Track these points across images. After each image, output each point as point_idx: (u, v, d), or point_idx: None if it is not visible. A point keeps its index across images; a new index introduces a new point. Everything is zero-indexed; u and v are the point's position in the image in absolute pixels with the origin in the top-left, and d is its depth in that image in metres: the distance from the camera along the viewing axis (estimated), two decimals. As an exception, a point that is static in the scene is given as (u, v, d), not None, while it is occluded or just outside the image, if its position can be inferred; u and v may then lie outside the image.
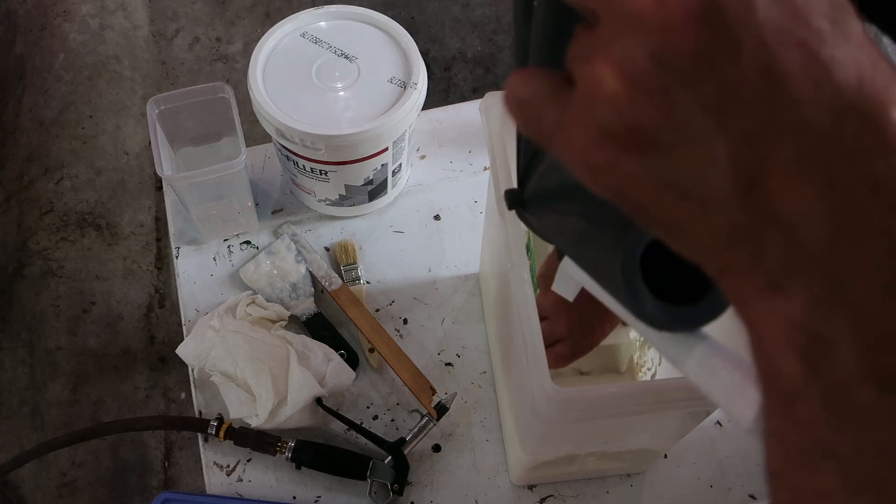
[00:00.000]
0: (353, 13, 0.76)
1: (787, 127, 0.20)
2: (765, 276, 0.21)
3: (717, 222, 0.22)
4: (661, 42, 0.20)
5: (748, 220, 0.21)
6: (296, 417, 0.69)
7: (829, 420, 0.21)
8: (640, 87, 0.21)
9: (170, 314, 1.53)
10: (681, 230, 0.23)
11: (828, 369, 0.20)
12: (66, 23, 1.82)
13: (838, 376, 0.20)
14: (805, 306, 0.21)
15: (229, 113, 0.74)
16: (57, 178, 1.64)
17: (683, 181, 0.21)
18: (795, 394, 0.21)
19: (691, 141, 0.21)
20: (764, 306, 0.22)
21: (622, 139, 0.22)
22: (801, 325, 0.21)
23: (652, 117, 0.21)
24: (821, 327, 0.20)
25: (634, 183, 0.22)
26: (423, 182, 0.85)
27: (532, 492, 0.70)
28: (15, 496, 1.37)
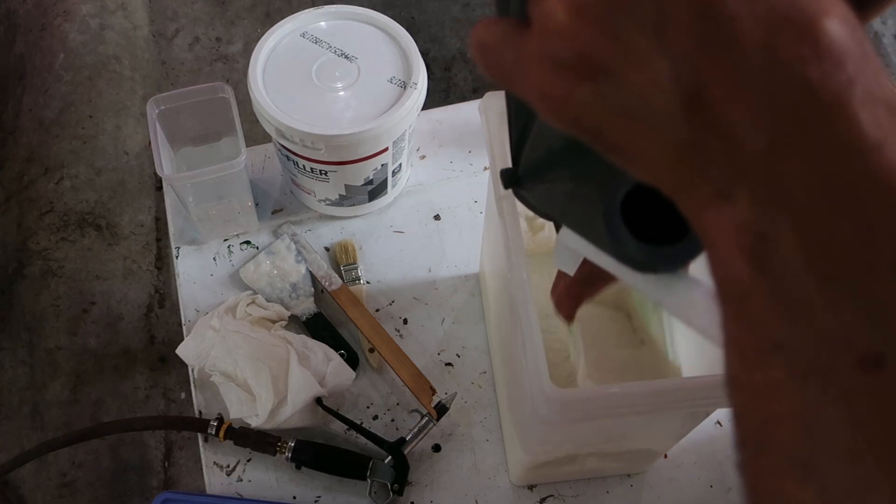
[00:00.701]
0: (353, 13, 0.76)
1: (722, 42, 0.21)
2: (713, 187, 0.23)
3: (665, 140, 0.23)
4: None
5: (692, 135, 0.22)
6: (296, 417, 0.69)
7: (776, 315, 0.22)
8: (585, 16, 0.22)
9: (170, 314, 1.53)
10: (634, 152, 0.24)
11: (773, 266, 0.22)
12: (66, 23, 1.82)
13: (783, 271, 0.21)
14: (750, 209, 0.22)
15: (229, 113, 0.74)
16: (57, 178, 1.64)
17: (631, 103, 0.23)
18: (745, 293, 0.22)
19: (635, 63, 0.22)
20: (714, 215, 0.23)
21: (573, 68, 0.23)
22: (747, 227, 0.22)
23: (598, 44, 0.22)
24: (765, 227, 0.22)
25: (588, 110, 0.24)
26: (423, 182, 0.85)
27: (532, 492, 0.70)
28: (15, 496, 1.37)
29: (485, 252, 0.77)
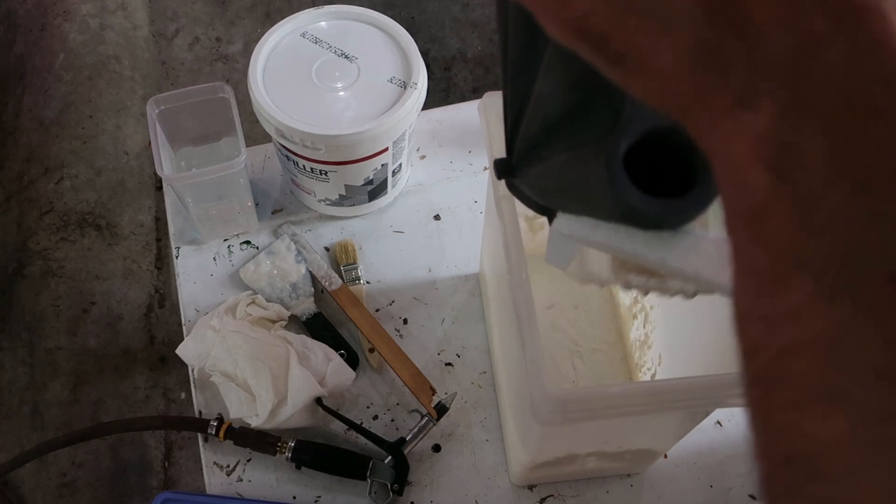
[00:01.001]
0: (353, 13, 0.76)
1: None
2: (732, 95, 0.21)
3: (683, 41, 0.21)
4: None
5: (714, 33, 0.21)
6: (296, 417, 0.69)
7: (800, 229, 0.20)
8: None
9: (170, 314, 1.53)
10: (644, 59, 0.22)
11: (799, 176, 0.20)
12: (66, 23, 1.82)
13: (810, 182, 0.20)
14: (774, 116, 0.20)
15: (229, 113, 0.74)
16: (57, 178, 1.64)
17: None
18: (766, 208, 0.21)
19: None
20: (731, 126, 0.21)
21: None
22: (770, 135, 0.21)
23: None
24: (789, 135, 0.20)
25: (596, 8, 0.22)
26: (423, 182, 0.85)
27: (532, 492, 0.70)
28: (15, 496, 1.37)
29: (485, 252, 0.77)
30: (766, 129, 0.21)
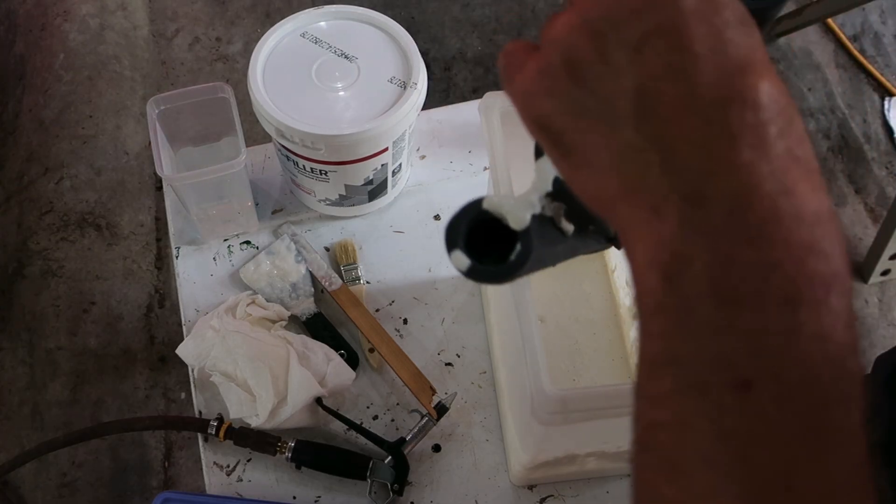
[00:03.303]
0: (353, 13, 0.76)
1: (684, 73, 0.25)
2: (649, 198, 0.26)
3: (617, 143, 0.26)
4: (608, 1, 0.26)
5: (640, 141, 0.26)
6: (296, 417, 0.69)
7: (676, 330, 0.25)
8: (585, 29, 0.26)
9: (170, 314, 1.53)
10: (588, 154, 0.27)
11: (682, 284, 0.24)
12: (66, 23, 1.82)
13: (689, 291, 0.24)
14: (674, 227, 0.25)
15: (229, 113, 0.74)
16: (57, 178, 1.64)
17: (597, 106, 0.26)
18: (655, 308, 0.25)
19: (611, 73, 0.26)
20: (642, 228, 0.26)
21: (560, 70, 0.27)
22: (667, 244, 0.25)
23: (585, 53, 0.26)
24: (682, 246, 0.24)
25: (560, 108, 0.28)
26: (423, 182, 0.85)
27: (532, 492, 0.70)
28: (15, 496, 1.37)
29: (485, 252, 0.77)
30: (666, 237, 0.25)
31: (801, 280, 0.23)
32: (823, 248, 0.24)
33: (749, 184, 0.24)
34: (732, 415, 0.23)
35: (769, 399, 0.23)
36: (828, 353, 0.23)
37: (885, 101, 1.82)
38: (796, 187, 0.24)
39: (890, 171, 1.75)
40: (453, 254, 0.35)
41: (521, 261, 0.35)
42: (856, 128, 1.79)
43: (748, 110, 0.24)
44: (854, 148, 1.77)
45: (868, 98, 1.83)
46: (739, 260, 0.23)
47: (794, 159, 0.24)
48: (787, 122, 0.25)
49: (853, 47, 1.86)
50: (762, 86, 0.24)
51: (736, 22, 0.25)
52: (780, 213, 0.24)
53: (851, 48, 1.86)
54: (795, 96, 1.82)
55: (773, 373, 0.23)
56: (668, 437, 0.25)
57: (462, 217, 0.35)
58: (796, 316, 0.23)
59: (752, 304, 0.23)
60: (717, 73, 0.25)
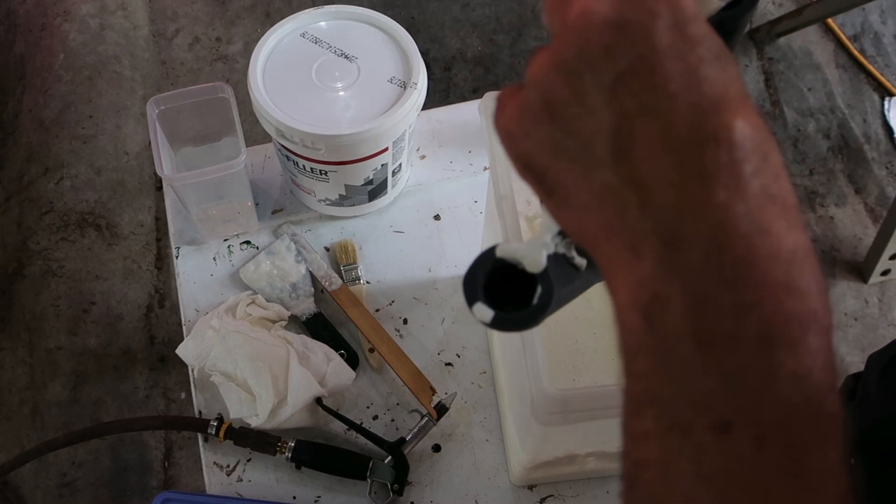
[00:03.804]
0: (353, 13, 0.76)
1: (659, 112, 0.25)
2: (627, 237, 0.26)
3: (595, 182, 0.26)
4: (584, 39, 0.25)
5: (617, 181, 0.26)
6: (296, 417, 0.69)
7: (657, 370, 0.25)
8: (561, 71, 0.26)
9: (170, 314, 1.53)
10: (568, 193, 0.28)
11: (661, 325, 0.25)
12: (66, 23, 1.82)
13: (668, 332, 0.24)
14: (652, 267, 0.25)
15: (229, 113, 0.74)
16: (57, 178, 1.64)
17: (576, 147, 0.27)
18: (637, 348, 0.26)
19: (587, 113, 0.26)
20: (623, 269, 0.26)
21: (539, 110, 0.27)
22: (646, 285, 0.25)
23: (562, 94, 0.26)
24: (660, 287, 0.25)
25: (542, 149, 0.28)
26: (423, 182, 0.85)
27: (532, 492, 0.70)
28: (15, 496, 1.37)
29: (485, 252, 0.77)
30: (644, 278, 0.25)
31: (778, 320, 0.23)
32: (800, 287, 0.24)
33: (724, 225, 0.24)
34: (712, 455, 0.24)
35: (748, 440, 0.23)
36: (805, 393, 0.23)
37: (885, 101, 1.82)
38: (772, 226, 0.24)
39: (890, 171, 1.75)
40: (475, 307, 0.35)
41: (544, 303, 0.34)
42: (856, 128, 1.79)
43: (722, 150, 0.24)
44: (854, 148, 1.77)
45: (868, 98, 1.83)
46: (716, 301, 0.24)
47: (769, 197, 0.24)
48: (763, 160, 0.24)
49: (853, 47, 1.87)
50: (737, 124, 0.24)
51: (711, 58, 0.25)
52: (756, 253, 0.24)
53: (851, 48, 1.86)
54: (795, 96, 1.82)
55: (752, 414, 0.23)
56: (653, 476, 0.25)
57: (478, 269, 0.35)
58: (773, 357, 0.23)
59: (729, 345, 0.23)
60: (691, 113, 0.24)
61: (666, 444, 0.25)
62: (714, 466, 0.24)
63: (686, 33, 0.25)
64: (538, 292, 0.34)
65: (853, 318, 1.58)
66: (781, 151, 0.26)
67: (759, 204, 0.24)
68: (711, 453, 0.24)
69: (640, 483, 0.26)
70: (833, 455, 0.24)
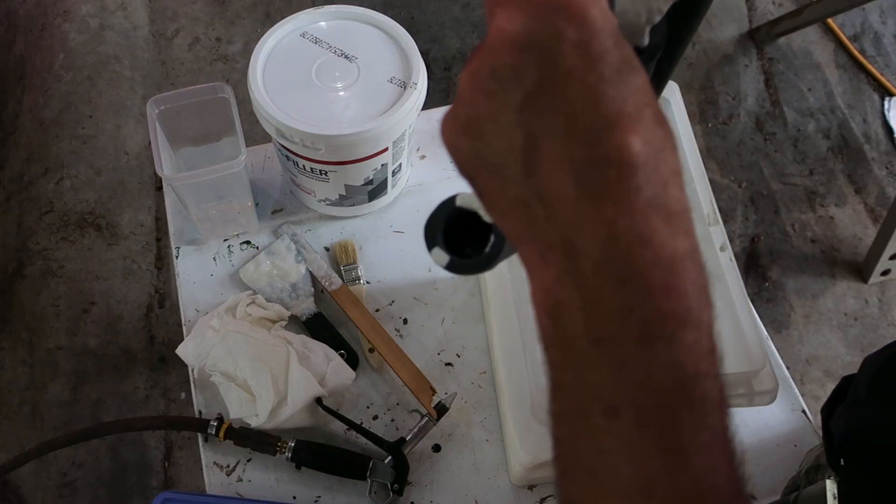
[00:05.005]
0: (353, 13, 0.76)
1: (560, 132, 0.27)
2: (538, 246, 0.28)
3: (510, 194, 0.29)
4: (495, 59, 0.27)
5: (526, 194, 0.28)
6: (296, 417, 0.69)
7: (562, 363, 0.29)
8: (478, 89, 0.28)
9: (170, 314, 1.53)
10: (493, 199, 0.30)
11: (563, 325, 0.28)
12: (66, 23, 1.82)
13: (568, 331, 0.28)
14: (555, 275, 0.28)
15: (229, 113, 0.74)
16: (57, 178, 1.64)
17: (493, 160, 0.29)
18: (548, 343, 0.29)
19: (501, 130, 0.28)
20: (536, 274, 0.29)
21: (462, 123, 0.29)
22: (550, 290, 0.28)
23: (481, 111, 0.28)
24: (560, 293, 0.28)
25: (467, 160, 0.30)
26: (423, 182, 0.85)
27: (532, 492, 0.70)
28: (15, 496, 1.37)
29: (485, 252, 0.77)
30: (549, 284, 0.28)
31: (655, 319, 0.26)
32: (677, 288, 0.27)
33: (611, 237, 0.26)
34: (605, 435, 0.27)
35: (630, 423, 0.27)
36: (680, 380, 0.27)
37: (885, 101, 1.82)
38: (654, 235, 0.26)
39: (890, 171, 1.75)
40: (433, 251, 0.37)
41: (496, 250, 0.36)
42: (856, 128, 1.79)
43: (612, 168, 0.26)
44: (854, 148, 1.77)
45: (868, 98, 1.83)
46: (605, 305, 0.27)
47: (655, 208, 0.26)
48: (652, 171, 0.26)
49: (853, 47, 1.87)
50: (627, 142, 0.26)
51: (611, 74, 0.26)
52: (638, 261, 0.26)
53: (851, 48, 1.86)
54: (795, 96, 1.82)
55: (633, 400, 0.27)
56: (566, 450, 0.29)
57: (438, 215, 0.37)
58: (651, 350, 0.26)
59: (615, 342, 0.27)
60: (588, 133, 0.26)
61: (572, 425, 0.29)
62: (607, 445, 0.27)
63: (589, 52, 0.26)
64: (491, 241, 0.36)
65: (853, 318, 1.58)
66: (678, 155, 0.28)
67: (643, 216, 0.26)
68: (604, 433, 0.27)
69: (559, 455, 0.30)
70: (707, 435, 0.27)
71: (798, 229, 1.68)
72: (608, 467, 0.27)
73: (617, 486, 0.27)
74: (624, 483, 0.27)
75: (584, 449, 0.28)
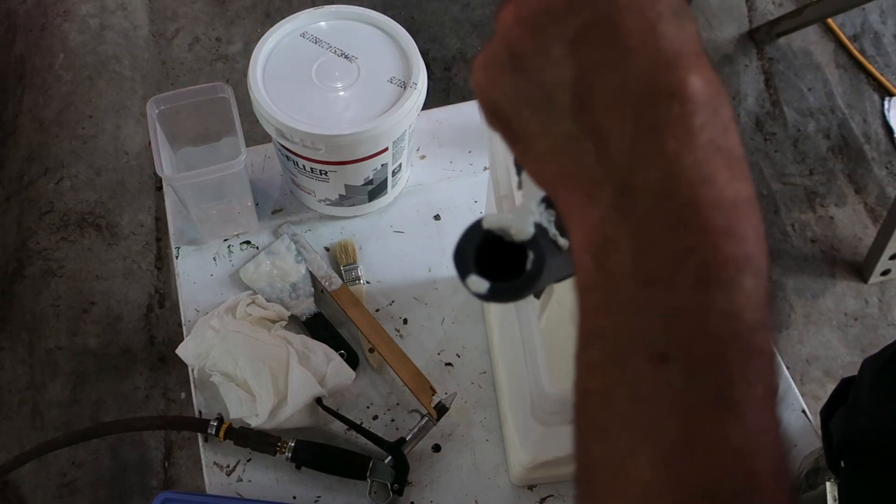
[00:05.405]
0: (353, 13, 0.76)
1: (618, 65, 0.26)
2: (584, 185, 0.27)
3: (556, 131, 0.28)
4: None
5: (576, 131, 0.27)
6: (296, 417, 0.69)
7: (604, 307, 0.27)
8: (524, 23, 0.28)
9: (170, 314, 1.53)
10: (533, 140, 0.29)
11: (610, 265, 0.26)
12: (66, 23, 1.82)
13: (615, 271, 0.26)
14: (605, 213, 0.26)
15: (229, 113, 0.74)
16: (57, 178, 1.64)
17: (539, 97, 0.28)
18: (588, 286, 0.27)
19: (550, 65, 0.27)
20: (579, 214, 0.28)
21: (503, 61, 0.29)
22: (598, 228, 0.27)
23: (526, 45, 0.28)
24: (611, 231, 0.26)
25: (506, 99, 0.29)
26: (423, 182, 0.85)
27: (532, 492, 0.70)
28: (15, 496, 1.37)
29: (485, 252, 0.77)
30: (597, 222, 0.27)
31: (715, 262, 0.25)
32: (738, 233, 0.25)
33: (672, 174, 0.25)
34: (648, 384, 0.25)
35: (679, 371, 0.25)
36: (736, 330, 0.25)
37: (885, 101, 1.82)
38: (717, 175, 0.25)
39: (890, 171, 1.75)
40: (468, 279, 0.34)
41: (538, 268, 0.34)
42: (856, 128, 1.79)
43: (675, 104, 0.25)
44: (854, 148, 1.77)
45: (868, 98, 1.83)
46: (660, 245, 0.25)
47: (716, 149, 0.26)
48: (713, 114, 0.26)
49: (853, 47, 1.87)
50: (690, 79, 0.26)
51: (670, 14, 0.26)
52: (700, 200, 0.25)
53: (851, 48, 1.86)
54: (795, 96, 1.82)
55: (685, 347, 0.25)
56: (597, 402, 0.27)
57: (467, 241, 0.35)
58: (708, 295, 0.25)
59: (668, 284, 0.25)
60: (647, 67, 0.26)
61: (608, 374, 0.27)
62: (648, 394, 0.25)
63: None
64: (530, 258, 0.34)
65: (853, 318, 1.58)
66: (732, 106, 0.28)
67: (706, 155, 0.25)
68: (647, 382, 0.25)
69: (586, 410, 0.28)
70: (759, 389, 0.25)
71: (798, 229, 1.68)
72: (648, 419, 0.25)
73: (657, 439, 0.25)
74: (666, 436, 0.25)
75: (621, 399, 0.26)
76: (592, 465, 0.28)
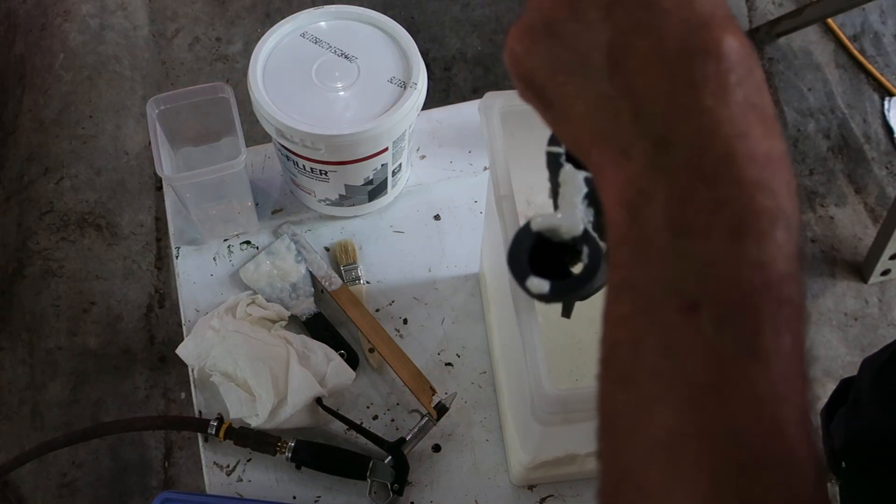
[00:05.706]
0: (353, 13, 0.76)
1: (653, 26, 0.27)
2: (619, 142, 0.28)
3: (591, 93, 0.29)
4: None
5: (612, 90, 0.28)
6: (296, 417, 0.69)
7: (636, 259, 0.27)
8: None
9: (170, 314, 1.53)
10: (568, 104, 0.30)
11: (643, 217, 0.27)
12: (66, 23, 1.82)
13: (648, 223, 0.27)
14: (640, 167, 0.27)
15: (229, 113, 0.74)
16: (57, 178, 1.64)
17: (574, 60, 0.29)
18: (620, 240, 0.28)
19: (584, 29, 0.28)
20: (613, 171, 0.28)
21: (538, 30, 0.30)
22: (633, 182, 0.27)
23: (563, 12, 0.29)
24: (645, 183, 0.27)
25: (541, 66, 0.30)
26: (423, 182, 0.85)
27: (532, 492, 0.70)
28: (15, 496, 1.37)
29: (485, 252, 0.77)
30: (632, 176, 0.27)
31: (748, 214, 0.26)
32: (771, 186, 0.26)
33: (708, 128, 0.26)
34: (678, 333, 0.26)
35: (710, 320, 0.25)
36: (767, 280, 0.26)
37: (885, 101, 1.82)
38: (751, 131, 0.26)
39: (890, 171, 1.75)
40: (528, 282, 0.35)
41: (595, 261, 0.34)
42: (856, 128, 1.79)
43: (710, 61, 0.26)
44: (854, 148, 1.77)
45: (868, 98, 1.83)
46: (695, 196, 0.26)
47: (751, 106, 0.26)
48: (747, 72, 0.27)
49: (853, 47, 1.86)
50: (724, 39, 0.27)
51: None
52: (734, 153, 0.26)
53: (851, 48, 1.86)
54: (795, 96, 1.82)
55: (716, 296, 0.26)
56: (624, 354, 0.28)
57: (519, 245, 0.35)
58: (741, 246, 0.26)
59: (702, 234, 0.26)
60: (682, 28, 0.27)
61: (638, 324, 0.27)
62: (677, 343, 0.26)
63: None
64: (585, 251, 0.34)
65: (853, 318, 1.58)
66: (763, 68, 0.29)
67: (740, 111, 0.26)
68: (677, 331, 0.26)
69: (613, 362, 0.28)
70: (788, 339, 0.26)
71: (798, 229, 1.68)
72: (676, 367, 0.26)
73: (685, 386, 0.26)
74: (694, 382, 0.25)
75: (649, 349, 0.26)
76: (617, 415, 0.28)
